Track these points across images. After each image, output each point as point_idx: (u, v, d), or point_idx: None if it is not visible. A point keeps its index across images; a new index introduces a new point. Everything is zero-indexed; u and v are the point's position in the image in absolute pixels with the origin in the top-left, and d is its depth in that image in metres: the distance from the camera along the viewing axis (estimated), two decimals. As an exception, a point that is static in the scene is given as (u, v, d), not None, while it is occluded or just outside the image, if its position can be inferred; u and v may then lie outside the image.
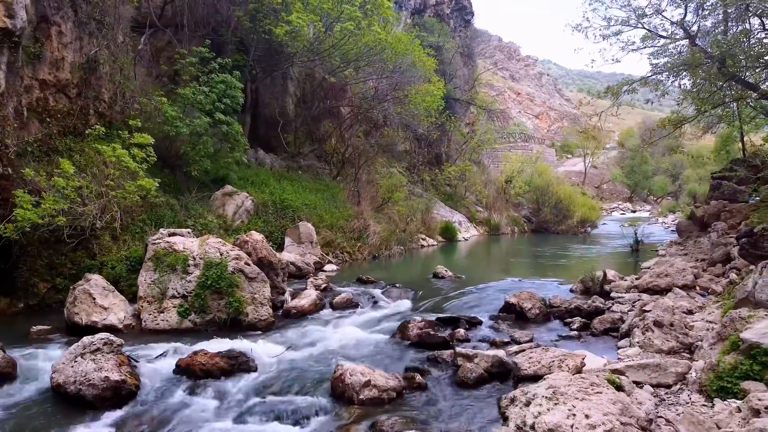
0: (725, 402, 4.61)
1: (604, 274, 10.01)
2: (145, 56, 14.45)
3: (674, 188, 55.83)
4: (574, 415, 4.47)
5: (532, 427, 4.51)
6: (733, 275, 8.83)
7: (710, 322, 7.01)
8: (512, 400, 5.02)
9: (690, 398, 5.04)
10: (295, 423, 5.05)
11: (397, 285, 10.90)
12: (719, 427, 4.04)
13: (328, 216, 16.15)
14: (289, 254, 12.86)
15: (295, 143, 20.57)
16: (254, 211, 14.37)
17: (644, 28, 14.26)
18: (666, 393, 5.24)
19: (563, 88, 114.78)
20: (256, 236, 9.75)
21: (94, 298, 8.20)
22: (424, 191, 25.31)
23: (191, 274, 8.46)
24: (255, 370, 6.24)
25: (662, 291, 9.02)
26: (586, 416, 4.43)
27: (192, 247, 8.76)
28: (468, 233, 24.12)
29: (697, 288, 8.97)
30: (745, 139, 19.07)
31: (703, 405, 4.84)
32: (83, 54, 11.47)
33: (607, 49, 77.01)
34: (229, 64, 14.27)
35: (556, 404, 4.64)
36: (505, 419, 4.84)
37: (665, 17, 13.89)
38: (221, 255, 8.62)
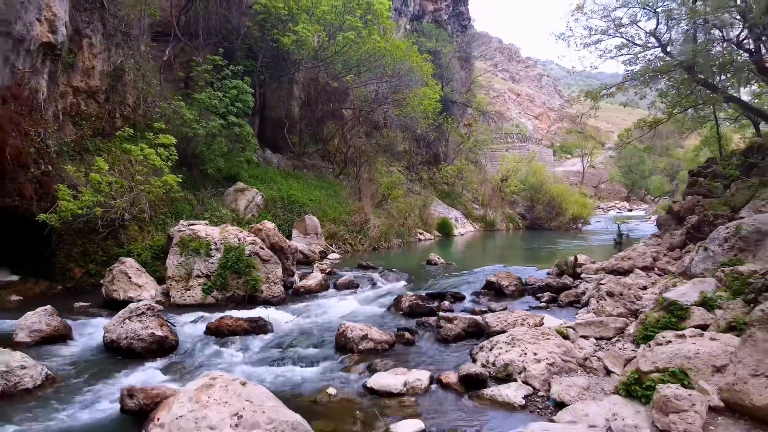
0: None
1: (575, 259, 11.24)
2: (163, 63, 15.71)
3: (672, 188, 56.69)
4: (525, 353, 5.74)
5: (493, 363, 5.77)
6: (686, 257, 10.04)
7: (657, 294, 8.22)
8: (481, 348, 6.28)
9: (623, 346, 6.28)
10: (306, 366, 6.28)
11: (394, 270, 12.16)
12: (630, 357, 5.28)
13: (331, 211, 17.44)
14: (297, 243, 14.09)
15: (300, 144, 21.84)
16: (264, 206, 15.64)
17: (622, 37, 15.42)
18: (606, 343, 6.49)
19: (565, 89, 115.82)
20: (269, 225, 11.02)
21: (130, 277, 9.46)
22: (422, 189, 26.58)
23: (213, 257, 9.70)
24: (272, 332, 7.51)
25: (625, 272, 10.25)
26: (535, 354, 5.70)
27: (213, 234, 10.01)
28: (464, 229, 25.36)
29: (656, 269, 10.20)
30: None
31: (632, 350, 6.08)
32: (111, 63, 12.75)
33: (586, 57, 79.06)
34: (241, 71, 15.56)
35: (512, 347, 5.91)
36: (474, 361, 6.09)
37: (640, 27, 15.08)
38: (239, 240, 9.88)
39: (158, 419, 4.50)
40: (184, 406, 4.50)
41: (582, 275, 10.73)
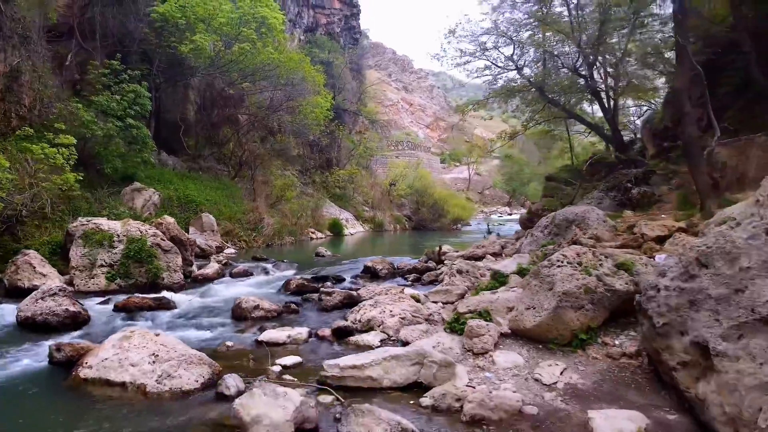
0: (475, 303, 7.68)
1: (440, 248, 13.23)
2: (61, 66, 16.05)
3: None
4: (384, 312, 7.38)
5: (359, 320, 7.36)
6: (519, 242, 12.28)
7: (497, 271, 10.22)
8: (351, 311, 7.85)
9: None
10: (207, 330, 7.54)
11: (285, 261, 13.55)
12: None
13: (227, 210, 18.46)
14: (195, 238, 15.04)
15: (196, 146, 22.56)
16: (161, 205, 16.39)
17: (487, 59, 17.87)
18: (449, 305, 8.29)
19: (458, 100, 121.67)
20: (169, 219, 12.02)
21: (34, 267, 10.12)
22: (315, 191, 28.05)
23: (116, 248, 10.58)
24: (175, 308, 8.66)
25: (479, 258, 12.28)
26: (391, 311, 7.35)
27: (116, 227, 10.88)
28: (354, 229, 27.11)
29: (503, 255, 12.35)
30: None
31: (467, 309, 7.90)
32: (7, 64, 13.10)
33: (455, 76, 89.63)
34: (138, 75, 16.25)
35: (375, 308, 7.53)
36: (345, 320, 7.65)
37: (501, 52, 17.59)
38: (141, 233, 10.83)
39: (86, 363, 5.65)
40: (108, 351, 5.70)
41: (445, 261, 12.68)
